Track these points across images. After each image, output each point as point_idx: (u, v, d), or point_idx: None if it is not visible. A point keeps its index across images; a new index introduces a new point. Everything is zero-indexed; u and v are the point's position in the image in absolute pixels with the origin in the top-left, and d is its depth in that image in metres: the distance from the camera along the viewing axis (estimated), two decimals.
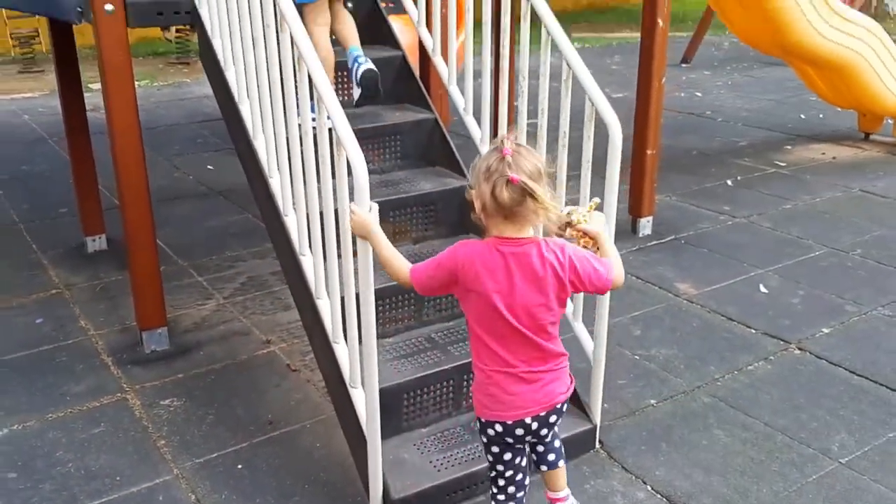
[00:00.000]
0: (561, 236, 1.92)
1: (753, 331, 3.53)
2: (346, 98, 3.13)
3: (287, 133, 2.39)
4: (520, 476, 2.02)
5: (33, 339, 3.49)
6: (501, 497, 2.02)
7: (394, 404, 2.48)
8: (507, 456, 1.96)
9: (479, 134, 3.04)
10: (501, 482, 2.01)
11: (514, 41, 4.40)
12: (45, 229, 4.82)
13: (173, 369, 3.25)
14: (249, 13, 2.46)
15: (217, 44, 2.85)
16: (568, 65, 2.51)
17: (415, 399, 2.54)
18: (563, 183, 2.63)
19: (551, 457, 2.13)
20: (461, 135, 3.19)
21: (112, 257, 4.36)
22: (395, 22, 3.55)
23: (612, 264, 1.92)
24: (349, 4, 3.31)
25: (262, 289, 3.99)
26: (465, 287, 1.79)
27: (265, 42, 2.40)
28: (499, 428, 1.90)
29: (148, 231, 3.27)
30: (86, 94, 4.48)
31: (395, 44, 3.28)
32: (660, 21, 4.25)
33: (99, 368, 3.26)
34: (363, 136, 2.96)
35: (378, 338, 2.59)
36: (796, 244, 4.51)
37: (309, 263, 2.46)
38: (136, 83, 9.28)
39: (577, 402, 2.68)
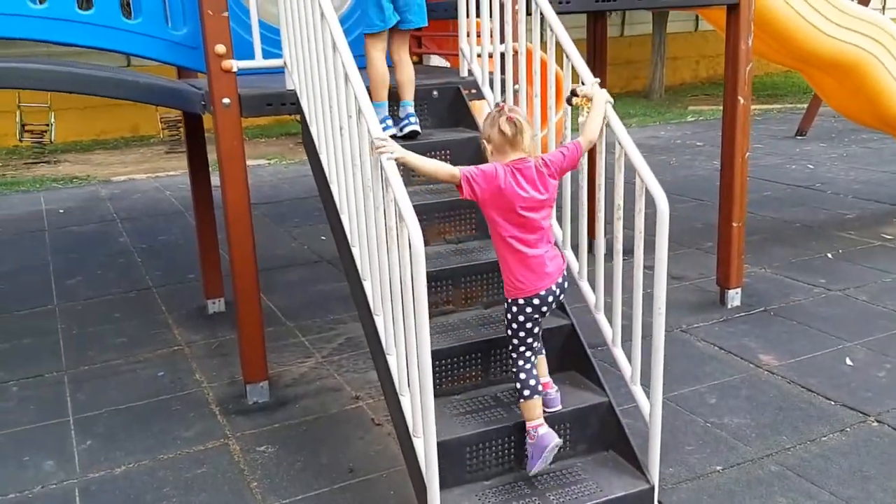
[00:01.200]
0: (570, 103, 2.82)
1: (832, 402, 3.51)
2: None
3: (365, 209, 2.71)
4: (538, 343, 2.73)
5: (154, 389, 3.93)
6: (522, 362, 2.65)
7: (457, 456, 2.67)
8: (530, 326, 2.63)
9: (560, 235, 3.21)
10: (525, 350, 2.65)
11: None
12: (174, 293, 5.38)
13: (271, 419, 3.58)
14: (337, 106, 2.83)
15: (313, 130, 3.25)
16: (619, 143, 2.71)
17: (477, 452, 2.73)
18: (620, 253, 2.80)
19: (537, 344, 2.75)
20: None
21: (228, 318, 4.82)
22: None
23: (583, 136, 2.72)
24: (434, 93, 3.68)
25: (358, 349, 4.31)
26: (494, 193, 2.51)
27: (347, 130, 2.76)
28: (536, 301, 2.59)
29: (254, 296, 3.66)
30: (213, 173, 5.05)
31: (474, 126, 3.58)
32: (741, 98, 4.38)
33: (207, 417, 3.64)
34: (440, 210, 3.30)
35: (446, 394, 2.87)
36: (890, 317, 4.41)
37: (381, 322, 2.74)
38: (267, 161, 10.10)
39: (635, 462, 2.78)
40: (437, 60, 5.59)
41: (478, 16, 3.65)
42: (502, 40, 3.52)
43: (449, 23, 4.91)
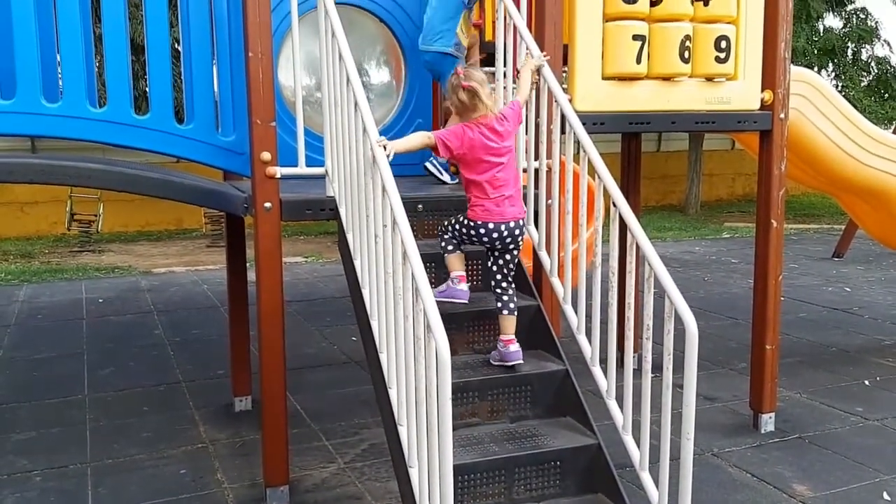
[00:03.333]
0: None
1: None
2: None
3: (395, 316, 2.75)
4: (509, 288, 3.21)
5: (175, 487, 3.90)
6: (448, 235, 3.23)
7: None
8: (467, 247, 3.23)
9: (590, 353, 3.23)
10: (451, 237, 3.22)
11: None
12: (202, 388, 5.41)
13: None
14: (374, 215, 2.92)
15: (349, 236, 3.34)
16: (649, 265, 2.74)
17: None
18: (649, 373, 2.78)
19: (512, 305, 3.18)
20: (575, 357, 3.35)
21: (254, 417, 4.82)
22: None
23: (519, 95, 3.38)
24: None
25: (381, 456, 4.25)
26: (466, 149, 3.06)
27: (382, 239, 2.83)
28: (491, 226, 3.10)
29: (280, 399, 3.66)
30: (250, 269, 5.16)
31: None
32: (773, 221, 4.40)
33: None
34: (468, 319, 3.33)
35: None
36: None
37: (404, 433, 2.73)
38: (304, 259, 10.24)
39: None
40: None
41: None
42: (536, 157, 3.63)
43: None
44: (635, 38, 3.83)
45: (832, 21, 17.31)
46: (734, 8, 4.06)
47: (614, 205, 2.95)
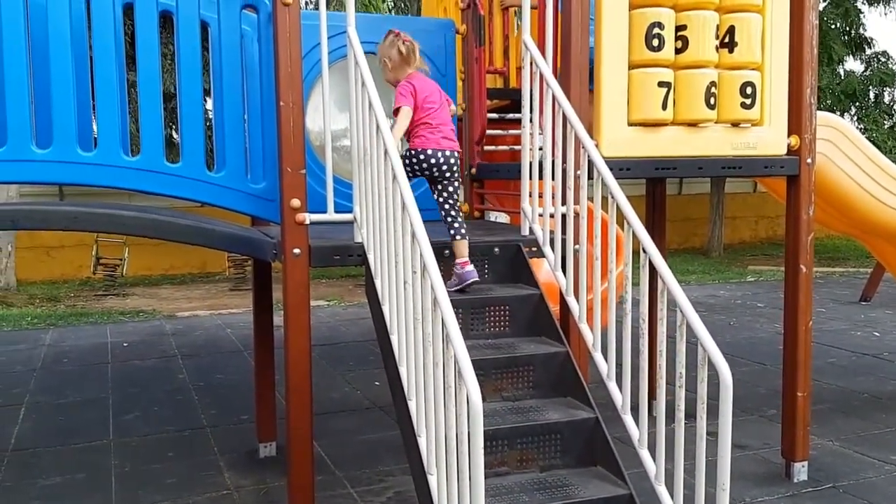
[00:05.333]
0: None
1: None
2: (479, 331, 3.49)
3: (424, 363, 2.74)
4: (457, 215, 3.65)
5: None
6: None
7: None
8: (430, 178, 3.66)
9: (621, 400, 3.20)
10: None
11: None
12: (227, 434, 5.39)
13: None
14: (403, 262, 2.93)
15: (378, 282, 3.35)
16: (681, 312, 2.72)
17: None
18: (682, 422, 2.74)
19: (463, 230, 3.59)
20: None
21: (279, 463, 4.78)
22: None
23: None
24: (496, 249, 3.78)
25: None
26: (418, 100, 3.57)
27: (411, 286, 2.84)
28: (430, 152, 3.58)
29: (307, 446, 3.63)
30: (276, 315, 5.18)
31: (533, 283, 3.64)
32: (802, 267, 4.37)
33: None
34: (497, 366, 3.31)
35: None
36: None
37: (434, 483, 2.69)
38: (326, 302, 10.29)
39: None
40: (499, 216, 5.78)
41: (540, 177, 3.80)
42: (564, 202, 3.64)
43: (510, 182, 5.12)
44: (661, 84, 3.86)
45: (853, 65, 17.37)
46: (759, 54, 4.09)
47: (644, 250, 2.94)
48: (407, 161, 3.61)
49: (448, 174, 3.63)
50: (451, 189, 3.66)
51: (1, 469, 4.71)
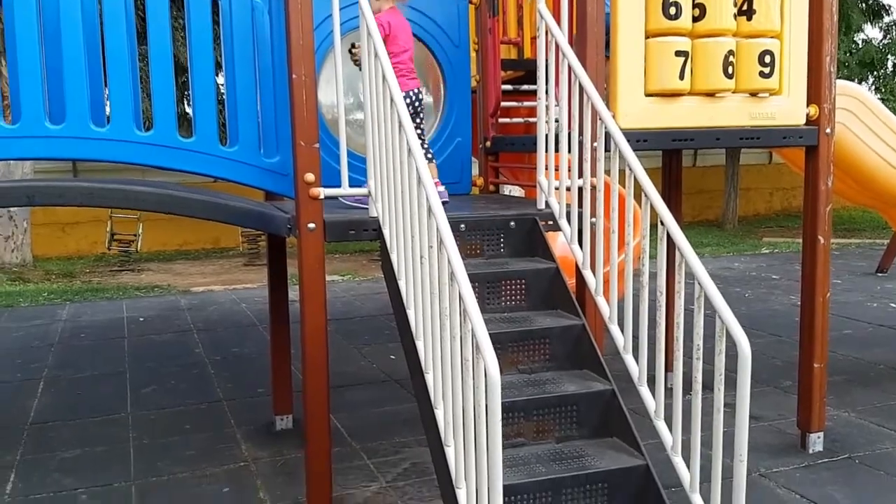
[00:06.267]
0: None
1: None
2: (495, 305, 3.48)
3: (441, 337, 2.74)
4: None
5: None
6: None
7: None
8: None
9: (637, 372, 3.19)
10: None
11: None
12: (243, 407, 5.44)
13: None
14: (419, 236, 2.92)
15: (394, 257, 3.34)
16: (699, 284, 2.70)
17: None
18: (699, 393, 2.74)
19: (430, 155, 4.09)
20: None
21: (295, 436, 4.83)
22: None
23: None
24: (512, 223, 3.75)
25: (423, 475, 4.23)
26: (389, 33, 3.84)
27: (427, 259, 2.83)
28: (411, 94, 3.98)
29: (324, 417, 3.65)
30: (290, 289, 5.19)
31: (549, 257, 3.63)
32: (820, 238, 4.32)
33: None
34: (513, 339, 3.31)
35: None
36: None
37: (451, 454, 2.70)
38: (340, 277, 10.32)
39: None
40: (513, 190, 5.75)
41: (556, 150, 3.77)
42: (580, 175, 3.61)
43: (524, 155, 5.08)
44: (678, 53, 3.80)
45: (871, 32, 17.09)
46: (778, 22, 4.02)
47: (661, 223, 2.92)
48: (414, 100, 3.99)
49: (413, 112, 4.02)
50: (417, 122, 4.05)
51: (21, 442, 4.77)
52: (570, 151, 3.68)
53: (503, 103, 4.80)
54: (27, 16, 3.37)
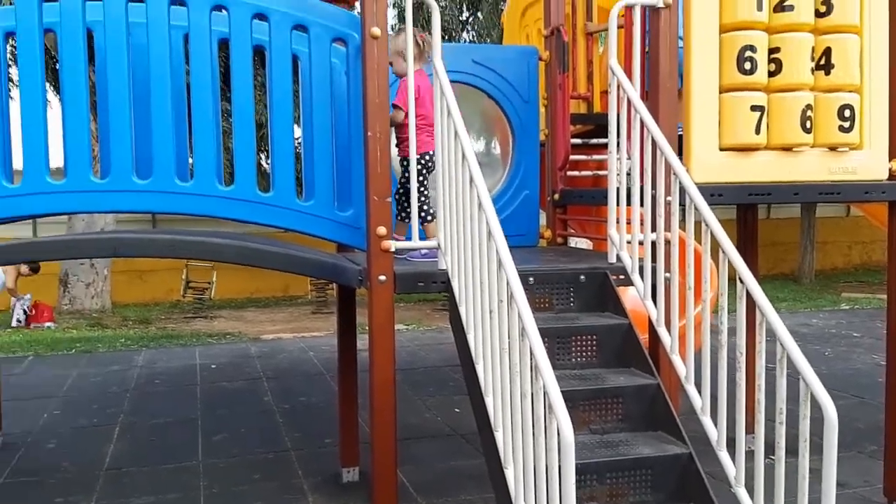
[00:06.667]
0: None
1: None
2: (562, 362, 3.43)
3: (511, 393, 2.71)
4: None
5: None
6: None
7: None
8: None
9: (716, 436, 3.09)
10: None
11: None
12: (311, 457, 5.45)
13: None
14: (489, 290, 2.92)
15: (462, 310, 3.34)
16: (781, 344, 2.61)
17: None
18: (783, 460, 2.63)
19: (433, 211, 3.93)
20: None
21: (362, 489, 4.80)
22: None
23: None
24: (582, 277, 3.72)
25: None
26: (418, 96, 3.83)
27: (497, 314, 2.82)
28: (426, 155, 3.97)
29: (392, 471, 3.63)
30: (359, 338, 5.23)
31: (621, 312, 3.57)
32: None
33: None
34: (585, 398, 3.24)
35: None
36: None
37: None
38: (405, 326, 10.36)
39: None
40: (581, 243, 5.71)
41: (628, 204, 3.74)
42: (653, 229, 3.56)
43: (593, 208, 5.06)
44: (753, 108, 3.75)
45: None
46: (857, 76, 3.93)
47: (740, 280, 2.85)
48: (428, 161, 3.96)
49: (427, 172, 4.02)
50: (421, 180, 4.00)
51: (96, 487, 4.88)
52: (641, 205, 3.64)
53: (572, 156, 4.80)
54: (119, 76, 3.55)
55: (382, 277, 3.60)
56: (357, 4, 4.72)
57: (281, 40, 3.72)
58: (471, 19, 16.81)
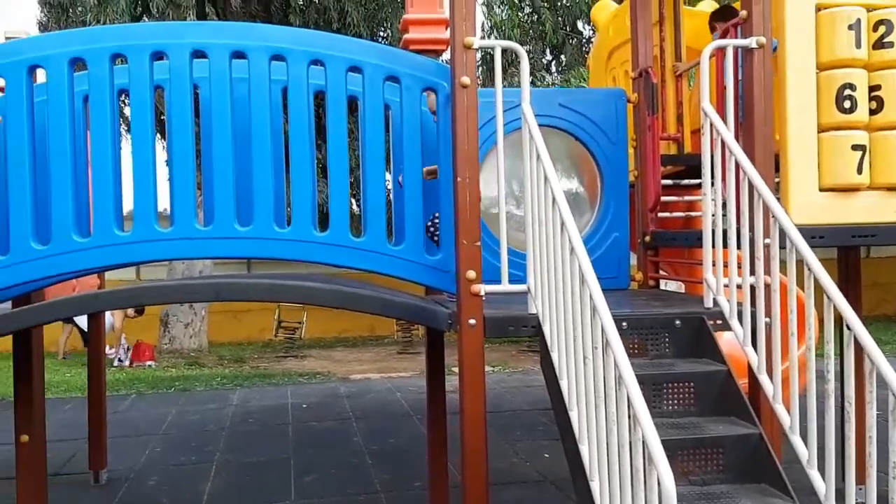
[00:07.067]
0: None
1: None
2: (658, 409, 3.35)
3: (608, 442, 2.66)
4: None
5: None
6: None
7: None
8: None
9: (824, 489, 2.94)
10: None
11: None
12: (400, 500, 5.46)
13: None
14: (582, 336, 2.89)
15: (554, 356, 3.31)
16: (893, 394, 2.49)
17: None
18: None
19: None
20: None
21: None
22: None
23: None
24: (677, 322, 3.64)
25: None
26: None
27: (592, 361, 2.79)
28: None
29: None
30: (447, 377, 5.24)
31: (719, 358, 3.47)
32: None
33: None
34: (683, 447, 3.15)
35: None
36: None
37: None
38: (490, 368, 10.29)
39: None
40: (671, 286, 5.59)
41: (724, 246, 3.65)
42: (752, 272, 3.47)
43: (684, 250, 4.96)
44: (855, 147, 3.64)
45: None
46: None
47: (847, 327, 2.73)
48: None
49: None
50: None
51: None
52: (739, 248, 3.56)
53: (662, 198, 4.74)
54: (223, 128, 3.72)
55: (472, 321, 3.61)
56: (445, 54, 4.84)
57: (374, 91, 3.84)
58: (553, 62, 16.92)
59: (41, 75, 3.78)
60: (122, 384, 10.11)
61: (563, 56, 16.49)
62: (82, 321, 10.73)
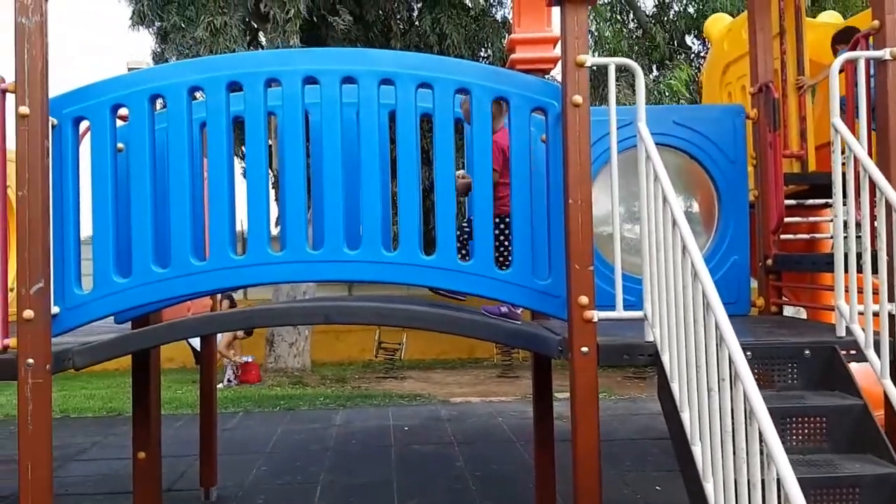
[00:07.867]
0: None
1: None
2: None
3: (736, 480, 2.49)
4: None
5: None
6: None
7: None
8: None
9: None
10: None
11: None
12: None
13: None
14: (706, 366, 2.73)
15: (674, 387, 3.15)
16: None
17: None
18: None
19: None
20: None
21: None
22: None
23: None
24: (806, 352, 3.41)
25: None
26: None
27: (718, 392, 2.62)
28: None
29: None
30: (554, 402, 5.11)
31: (854, 392, 3.22)
32: None
33: None
34: (816, 486, 2.92)
35: None
36: None
37: None
38: None
39: None
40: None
41: (858, 272, 3.40)
42: (891, 299, 3.21)
43: (807, 274, 4.67)
44: None
45: None
46: None
47: None
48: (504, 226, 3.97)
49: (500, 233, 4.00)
50: None
51: None
52: (874, 272, 3.30)
53: (785, 219, 4.48)
54: (333, 153, 3.75)
55: (585, 349, 3.49)
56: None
57: (482, 112, 3.79)
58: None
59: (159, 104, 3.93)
60: (231, 401, 10.39)
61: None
62: (195, 340, 11.13)
